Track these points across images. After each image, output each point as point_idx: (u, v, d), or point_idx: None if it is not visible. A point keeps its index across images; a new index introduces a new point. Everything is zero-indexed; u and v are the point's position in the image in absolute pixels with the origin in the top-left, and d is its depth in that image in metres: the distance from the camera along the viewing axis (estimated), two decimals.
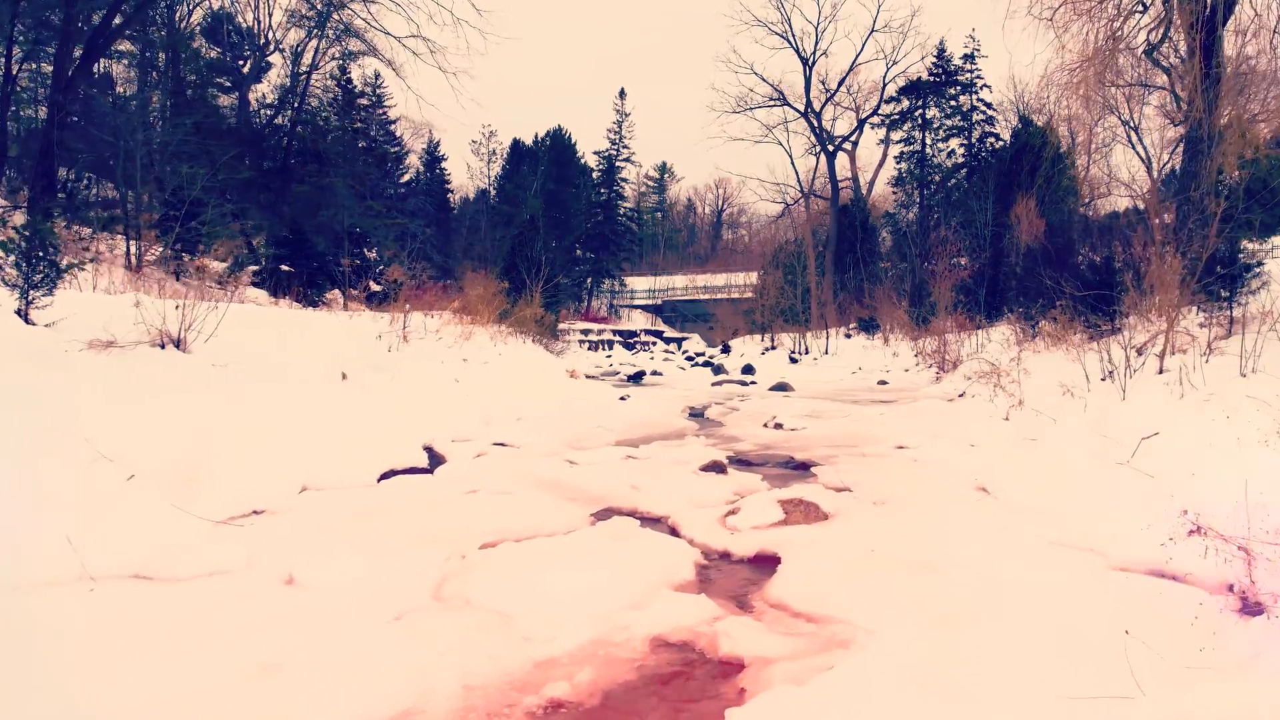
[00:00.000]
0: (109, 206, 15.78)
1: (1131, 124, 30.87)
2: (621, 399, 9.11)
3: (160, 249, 14.55)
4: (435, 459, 4.72)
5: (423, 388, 6.19)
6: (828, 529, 3.36)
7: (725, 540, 3.29)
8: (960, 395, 9.95)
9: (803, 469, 5.09)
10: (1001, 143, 28.17)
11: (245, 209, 22.45)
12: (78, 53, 15.01)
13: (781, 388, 11.17)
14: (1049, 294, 11.20)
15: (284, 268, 16.79)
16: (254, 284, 17.27)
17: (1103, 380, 5.85)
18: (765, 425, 6.85)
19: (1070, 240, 12.97)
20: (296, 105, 27.22)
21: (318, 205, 24.52)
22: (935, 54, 28.50)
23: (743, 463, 5.30)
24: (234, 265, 17.83)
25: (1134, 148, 30.39)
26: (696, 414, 8.48)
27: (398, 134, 39.07)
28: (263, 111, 28.22)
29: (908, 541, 3.15)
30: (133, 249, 14.03)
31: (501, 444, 5.39)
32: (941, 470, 4.73)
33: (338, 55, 25.85)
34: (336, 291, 17.97)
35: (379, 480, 4.29)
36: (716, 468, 4.52)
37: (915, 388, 12.10)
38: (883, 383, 13.07)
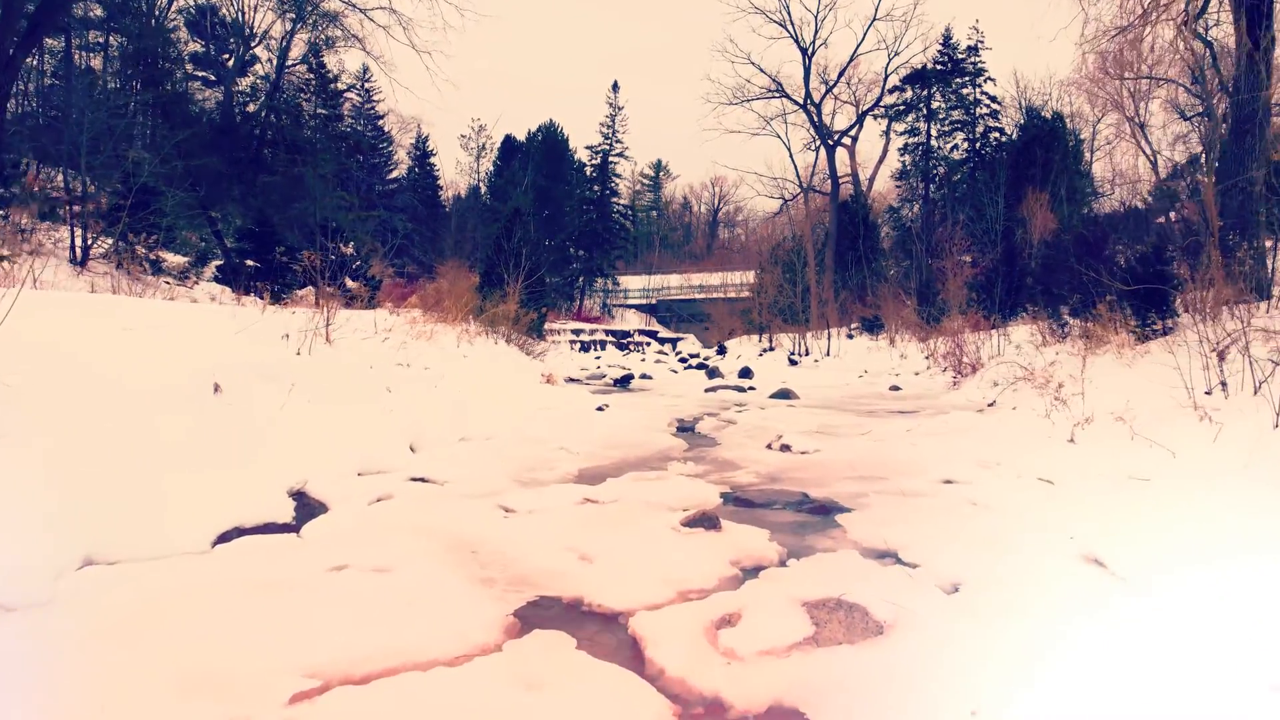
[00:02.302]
0: (69, 199, 14.41)
1: (1137, 120, 29.75)
2: (599, 409, 7.79)
3: (110, 241, 13.23)
4: (310, 508, 3.37)
5: (335, 402, 4.84)
6: (886, 656, 2.03)
7: (718, 676, 1.96)
8: (990, 405, 8.66)
9: (823, 514, 3.77)
10: (1006, 137, 27.01)
11: (215, 201, 21.12)
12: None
13: (784, 395, 9.86)
14: (1085, 289, 9.93)
15: (249, 263, 15.52)
16: (217, 279, 15.98)
17: (1208, 394, 4.55)
18: (769, 446, 5.53)
19: (1103, 232, 11.70)
20: (270, 93, 25.95)
21: (290, 197, 23.19)
22: (941, 41, 27.25)
23: (742, 503, 3.97)
24: (196, 259, 16.52)
25: (1138, 143, 29.32)
26: (685, 428, 7.16)
27: (386, 129, 37.85)
28: (246, 102, 26.99)
29: (1026, 688, 1.83)
30: (78, 240, 12.70)
31: (421, 479, 4.05)
32: (1018, 522, 3.41)
33: (315, 41, 24.67)
34: (311, 289, 16.70)
35: (214, 545, 2.95)
36: (706, 521, 3.18)
37: (933, 394, 10.81)
38: (895, 388, 11.78)
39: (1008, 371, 9.42)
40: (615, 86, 41.28)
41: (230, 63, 26.62)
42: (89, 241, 12.41)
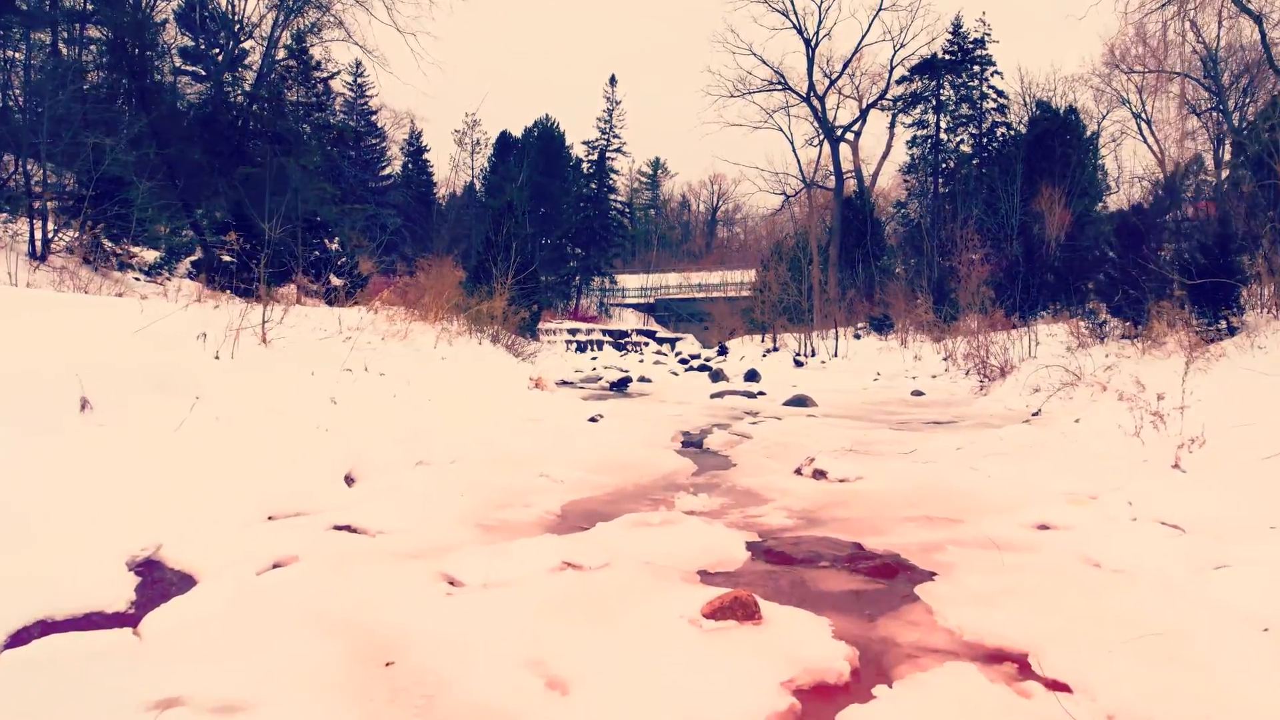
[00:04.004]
0: (28, 189, 13.37)
1: (1144, 116, 28.84)
2: (591, 420, 6.79)
3: (72, 234, 12.23)
4: (164, 585, 2.33)
5: (255, 419, 3.83)
6: None
7: None
8: (1035, 414, 7.68)
9: (889, 577, 2.77)
10: (1014, 132, 26.12)
11: (196, 194, 20.10)
12: None
13: (799, 402, 8.85)
14: (1135, 283, 8.96)
15: (224, 258, 14.54)
16: (191, 276, 15.02)
17: None
18: (798, 471, 4.52)
19: (1149, 222, 10.72)
20: (255, 82, 25.04)
21: (272, 190, 22.22)
22: (951, 30, 26.29)
23: (776, 558, 2.98)
24: (168, 254, 15.52)
25: (1144, 140, 28.43)
26: (693, 443, 6.17)
27: (379, 125, 36.90)
28: (229, 93, 26.09)
29: None
30: (37, 232, 11.67)
31: (347, 527, 3.03)
32: (1169, 597, 2.42)
33: (298, 28, 23.79)
34: (293, 286, 15.80)
35: (3, 649, 1.94)
36: (740, 609, 2.17)
37: (961, 401, 9.83)
38: (917, 393, 10.79)
39: (1049, 376, 8.45)
40: (613, 80, 40.25)
41: (220, 57, 25.70)
42: (49, 234, 11.40)
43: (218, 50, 26.76)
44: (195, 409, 3.61)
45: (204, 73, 26.56)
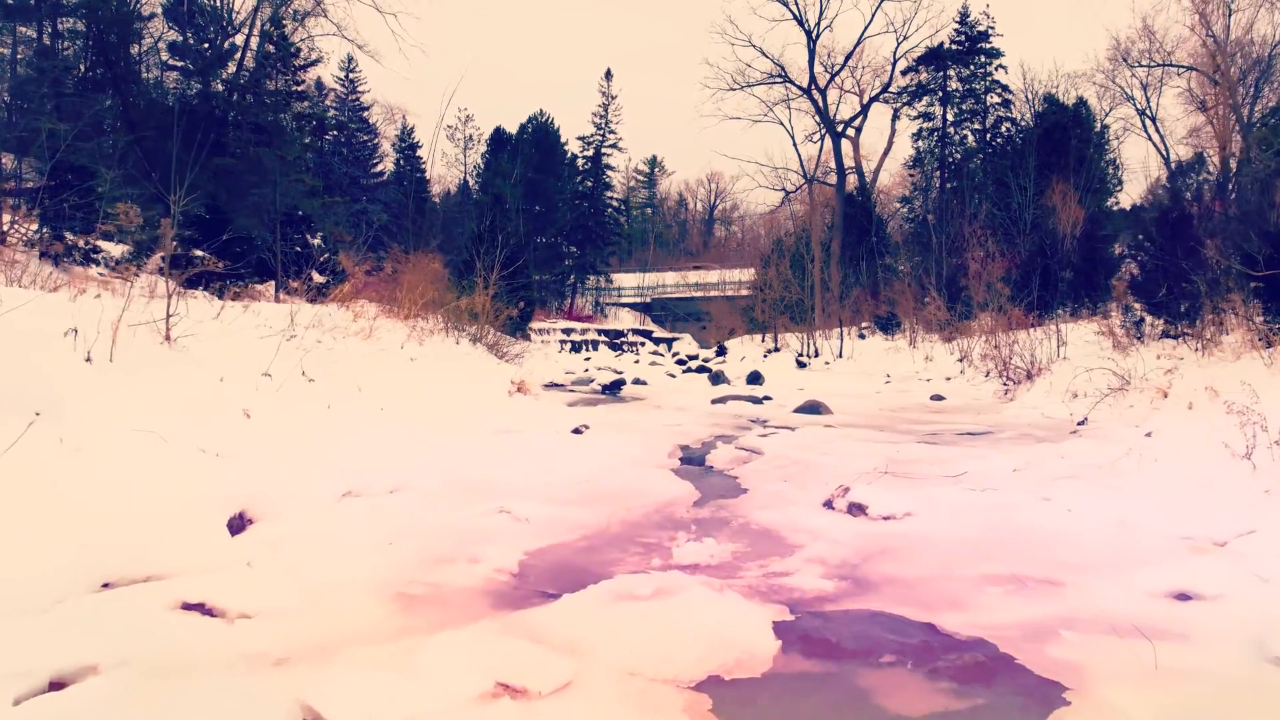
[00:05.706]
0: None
1: (1149, 113, 27.99)
2: (576, 431, 5.87)
3: (33, 227, 11.32)
4: None
5: (120, 440, 2.92)
6: None
7: None
8: (1081, 423, 6.79)
9: (983, 684, 1.88)
10: (1019, 128, 25.32)
11: (174, 187, 19.23)
12: None
13: (813, 409, 7.94)
14: (1184, 277, 8.09)
15: (196, 252, 13.60)
16: (161, 271, 14.09)
17: None
18: (829, 503, 3.61)
19: (1199, 215, 9.80)
20: (235, 72, 24.19)
21: (250, 182, 21.34)
22: (958, 19, 25.42)
23: (815, 648, 2.08)
24: (138, 248, 14.57)
25: (1149, 137, 27.58)
26: (693, 460, 5.27)
27: (371, 121, 36.05)
28: (210, 81, 25.20)
29: None
30: None
31: (199, 606, 2.11)
32: None
33: (278, 14, 22.96)
34: (272, 283, 14.91)
35: None
36: None
37: (989, 407, 8.93)
38: (937, 398, 9.89)
39: (1089, 379, 7.55)
40: (608, 75, 39.30)
41: (209, 52, 24.86)
42: (3, 225, 10.49)
43: (206, 44, 25.89)
44: (32, 429, 2.69)
45: (192, 68, 25.70)
